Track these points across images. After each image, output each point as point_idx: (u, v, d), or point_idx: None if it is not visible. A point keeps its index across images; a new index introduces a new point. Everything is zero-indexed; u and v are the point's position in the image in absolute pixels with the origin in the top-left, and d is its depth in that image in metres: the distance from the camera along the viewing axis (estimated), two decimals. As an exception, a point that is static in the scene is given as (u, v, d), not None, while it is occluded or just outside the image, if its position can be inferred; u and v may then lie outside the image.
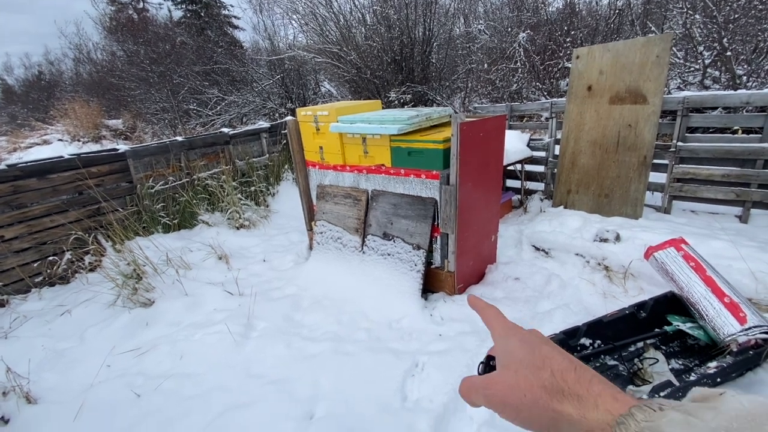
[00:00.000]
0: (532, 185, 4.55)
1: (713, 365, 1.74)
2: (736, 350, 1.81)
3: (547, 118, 4.19)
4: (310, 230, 3.56)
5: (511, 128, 4.52)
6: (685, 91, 5.46)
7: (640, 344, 2.07)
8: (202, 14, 15.91)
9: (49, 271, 3.41)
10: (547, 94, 7.38)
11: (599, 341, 2.05)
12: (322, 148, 3.15)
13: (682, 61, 6.13)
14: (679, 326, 2.05)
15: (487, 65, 7.91)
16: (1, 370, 2.23)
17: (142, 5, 18.15)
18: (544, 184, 4.38)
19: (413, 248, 2.71)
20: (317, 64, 8.92)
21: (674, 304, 2.17)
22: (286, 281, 3.23)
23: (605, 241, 2.97)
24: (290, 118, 3.42)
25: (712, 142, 3.37)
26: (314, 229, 3.37)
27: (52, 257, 3.44)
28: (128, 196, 4.05)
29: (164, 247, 3.50)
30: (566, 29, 7.31)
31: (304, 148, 3.35)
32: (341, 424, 1.85)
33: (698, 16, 5.68)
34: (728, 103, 3.29)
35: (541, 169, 4.39)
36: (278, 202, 5.20)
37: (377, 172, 2.85)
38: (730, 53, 5.17)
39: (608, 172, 3.57)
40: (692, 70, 6.03)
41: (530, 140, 4.33)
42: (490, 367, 0.45)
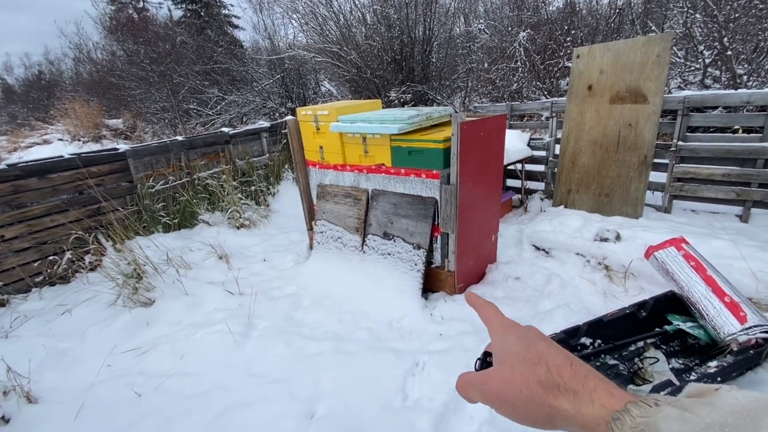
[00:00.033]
0: (532, 185, 4.55)
1: (714, 364, 1.74)
2: (736, 349, 1.81)
3: (547, 117, 4.19)
4: (310, 230, 3.56)
5: (511, 128, 4.52)
6: (685, 90, 5.45)
7: (640, 344, 2.08)
8: (202, 14, 15.90)
9: (49, 270, 3.42)
10: (547, 93, 7.38)
11: (600, 341, 2.05)
12: (322, 147, 3.15)
13: (682, 60, 6.13)
14: (679, 326, 2.05)
15: (487, 64, 7.91)
16: (1, 369, 2.23)
17: (142, 5, 18.15)
18: (544, 183, 4.38)
19: (413, 248, 2.71)
20: (317, 63, 8.91)
21: (675, 303, 2.17)
22: (286, 281, 3.23)
23: (605, 240, 2.97)
24: (290, 117, 3.42)
25: (712, 141, 3.37)
26: (314, 228, 3.37)
27: (52, 257, 3.44)
28: (128, 195, 4.06)
29: (164, 246, 3.50)
30: (566, 28, 7.31)
31: (304, 147, 3.35)
32: (342, 423, 1.85)
33: (699, 15, 5.67)
34: (729, 102, 3.29)
35: (541, 168, 4.39)
36: (278, 201, 5.20)
37: (377, 171, 2.85)
38: (730, 52, 5.17)
39: (608, 171, 3.57)
40: (693, 69, 6.03)
41: (530, 140, 4.33)
42: (487, 363, 0.46)
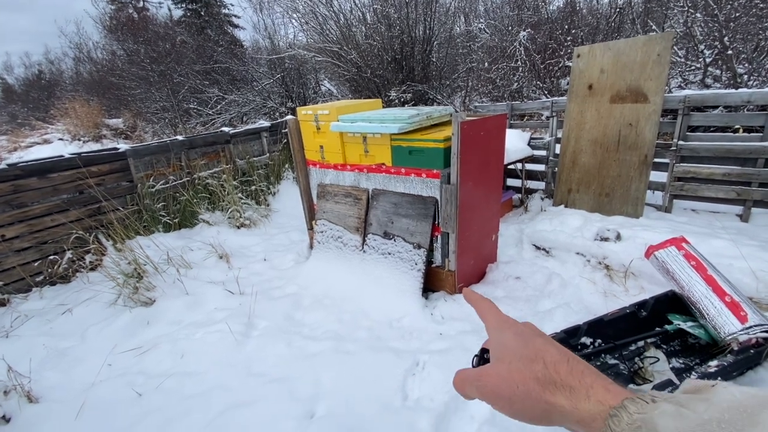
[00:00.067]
0: (532, 184, 4.54)
1: (714, 364, 1.74)
2: (736, 349, 1.81)
3: (547, 117, 4.18)
4: (310, 229, 3.56)
5: (511, 127, 4.52)
6: (686, 89, 5.45)
7: (640, 343, 2.07)
8: (202, 13, 15.90)
9: (49, 270, 3.42)
10: (547, 92, 7.38)
11: (600, 340, 2.05)
12: (322, 147, 3.14)
13: (683, 59, 6.12)
14: (679, 325, 2.05)
15: (487, 64, 7.90)
16: (2, 369, 2.23)
17: (142, 4, 18.14)
18: (544, 183, 4.38)
19: (414, 247, 2.71)
20: (317, 63, 8.90)
21: (675, 303, 2.17)
22: (286, 280, 3.23)
23: (606, 240, 2.97)
24: (291, 117, 3.42)
25: (713, 140, 3.36)
26: (315, 228, 3.37)
27: (52, 256, 3.44)
28: (129, 195, 4.06)
29: (165, 246, 3.50)
30: (567, 28, 7.30)
31: (304, 147, 3.35)
32: (342, 423, 1.85)
33: (699, 14, 5.67)
34: (729, 101, 3.28)
35: (541, 168, 4.39)
36: (279, 201, 5.20)
37: (378, 171, 2.85)
38: (731, 52, 5.16)
39: (609, 171, 3.57)
40: (693, 68, 6.03)
41: (531, 139, 4.32)
42: (484, 359, 0.46)
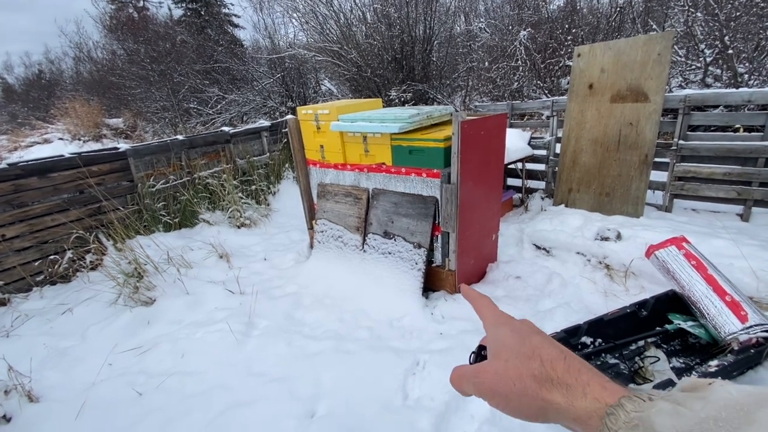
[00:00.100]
0: (532, 184, 4.54)
1: (714, 364, 1.74)
2: (737, 349, 1.81)
3: (548, 116, 4.18)
4: (310, 229, 3.56)
5: (512, 127, 4.51)
6: (686, 89, 5.44)
7: (641, 343, 2.07)
8: (202, 13, 15.89)
9: (50, 269, 3.42)
10: (548, 92, 7.37)
11: (600, 340, 2.05)
12: (322, 146, 3.14)
13: (683, 59, 6.12)
14: (680, 325, 2.05)
15: (487, 63, 7.90)
16: (2, 368, 2.23)
17: (142, 4, 18.14)
18: (545, 182, 4.37)
19: (414, 247, 2.71)
20: (318, 62, 8.89)
21: (675, 302, 2.17)
22: (287, 280, 3.23)
23: (606, 239, 2.97)
24: (291, 116, 3.42)
25: (713, 140, 3.36)
26: (315, 227, 3.37)
27: (53, 256, 3.44)
28: (129, 194, 4.06)
29: (165, 245, 3.50)
30: (567, 27, 7.30)
31: (304, 146, 3.34)
32: (342, 422, 1.85)
33: (700, 14, 5.66)
34: (730, 101, 3.28)
35: (542, 167, 4.39)
36: (279, 200, 5.20)
37: (378, 170, 2.85)
38: (731, 51, 5.16)
39: (609, 170, 3.57)
40: (694, 68, 6.02)
41: (531, 139, 4.32)
42: (481, 356, 0.46)
